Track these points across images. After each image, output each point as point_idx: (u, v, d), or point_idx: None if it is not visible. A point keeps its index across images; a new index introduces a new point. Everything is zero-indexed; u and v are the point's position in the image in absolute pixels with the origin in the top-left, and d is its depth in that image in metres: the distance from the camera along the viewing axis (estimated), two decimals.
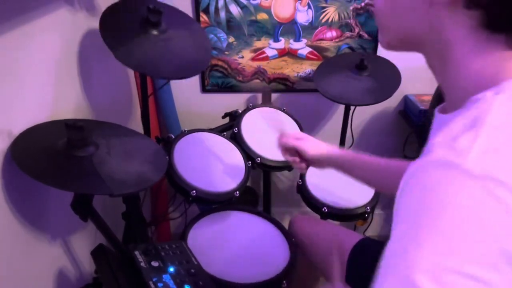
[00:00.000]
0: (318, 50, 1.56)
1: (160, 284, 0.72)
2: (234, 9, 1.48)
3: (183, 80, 1.59)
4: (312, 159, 0.95)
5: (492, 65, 0.45)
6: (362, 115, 1.67)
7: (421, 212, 0.39)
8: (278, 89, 1.64)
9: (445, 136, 0.42)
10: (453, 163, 0.38)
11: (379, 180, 0.89)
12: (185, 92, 1.64)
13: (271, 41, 1.54)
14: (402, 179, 0.44)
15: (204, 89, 1.65)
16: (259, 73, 1.61)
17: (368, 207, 1.22)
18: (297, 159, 0.98)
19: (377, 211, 1.85)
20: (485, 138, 0.39)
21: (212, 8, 1.48)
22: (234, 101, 1.65)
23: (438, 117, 0.54)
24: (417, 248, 0.37)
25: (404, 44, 0.55)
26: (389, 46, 0.56)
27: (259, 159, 1.25)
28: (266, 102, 1.58)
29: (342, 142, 1.57)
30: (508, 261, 0.36)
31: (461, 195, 0.37)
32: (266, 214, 1.22)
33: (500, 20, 0.43)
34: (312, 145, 0.96)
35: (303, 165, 0.98)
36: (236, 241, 1.10)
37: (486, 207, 0.36)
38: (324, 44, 1.55)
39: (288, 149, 0.99)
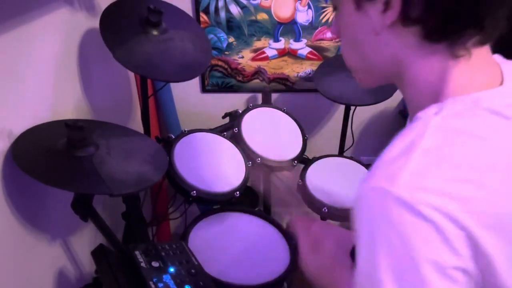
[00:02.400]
0: (318, 50, 1.56)
1: (160, 284, 0.72)
2: (234, 9, 1.48)
3: None
4: None
5: (436, 74, 0.48)
6: (362, 115, 1.67)
7: (370, 238, 0.44)
8: (278, 89, 1.64)
9: (385, 159, 0.46)
10: (385, 190, 0.42)
11: None
12: (185, 92, 1.64)
13: (271, 41, 1.54)
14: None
15: (204, 89, 1.65)
16: (259, 73, 1.61)
17: None
18: None
19: None
20: (414, 163, 0.43)
21: (212, 8, 1.48)
22: (234, 101, 1.65)
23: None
24: (377, 270, 0.43)
25: (374, 78, 0.58)
26: (364, 84, 0.60)
27: (259, 159, 1.25)
28: (266, 102, 1.58)
29: (342, 142, 1.57)
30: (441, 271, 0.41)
31: (395, 221, 0.42)
32: (266, 215, 1.22)
33: (435, 29, 0.46)
34: None
35: None
36: (237, 242, 1.10)
37: (416, 228, 0.41)
38: (324, 44, 1.55)
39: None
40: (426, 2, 0.45)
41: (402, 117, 1.63)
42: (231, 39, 1.54)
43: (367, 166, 1.39)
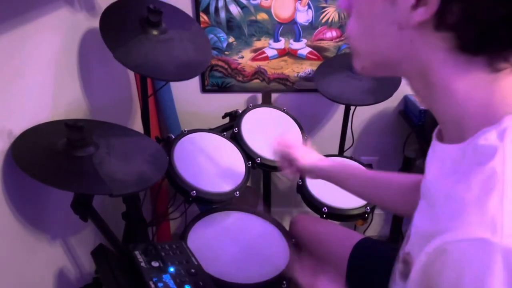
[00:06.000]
0: (318, 50, 1.56)
1: (160, 284, 0.72)
2: (234, 9, 1.48)
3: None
4: (303, 168, 0.96)
5: (479, 89, 0.43)
6: (362, 115, 1.67)
7: None
8: (278, 89, 1.64)
9: (466, 199, 0.39)
10: (489, 243, 0.36)
11: (368, 191, 0.90)
12: (185, 92, 1.64)
13: (271, 41, 1.54)
14: (425, 251, 0.41)
15: (204, 89, 1.65)
16: (259, 73, 1.61)
17: (368, 207, 1.22)
18: (285, 166, 1.00)
19: (377, 211, 1.85)
20: (510, 201, 0.37)
21: (212, 8, 1.48)
22: (234, 101, 1.65)
23: (435, 144, 0.52)
24: None
25: (380, 69, 0.52)
26: (364, 71, 0.52)
27: (259, 159, 1.25)
28: (266, 102, 1.58)
29: (342, 142, 1.57)
30: None
31: (505, 276, 0.35)
32: (266, 214, 1.22)
33: (472, 42, 0.41)
34: (304, 154, 0.96)
35: (290, 172, 0.99)
36: (236, 241, 1.10)
37: None
38: (324, 44, 1.55)
39: (282, 156, 1.01)
40: (465, 10, 0.38)
41: (402, 117, 1.63)
42: (231, 39, 1.54)
43: (367, 166, 1.39)
